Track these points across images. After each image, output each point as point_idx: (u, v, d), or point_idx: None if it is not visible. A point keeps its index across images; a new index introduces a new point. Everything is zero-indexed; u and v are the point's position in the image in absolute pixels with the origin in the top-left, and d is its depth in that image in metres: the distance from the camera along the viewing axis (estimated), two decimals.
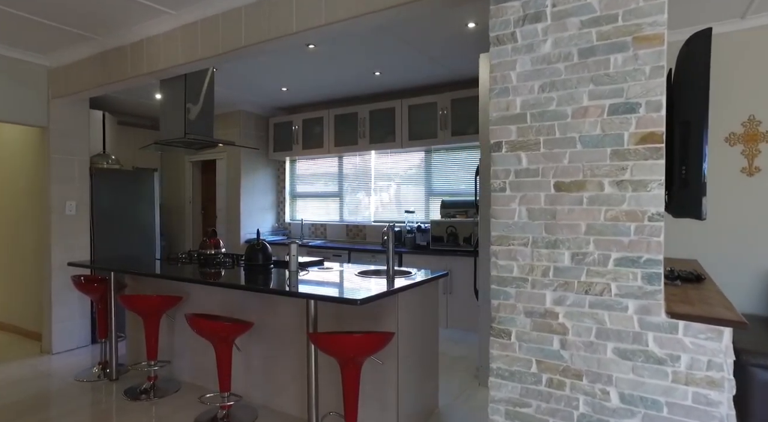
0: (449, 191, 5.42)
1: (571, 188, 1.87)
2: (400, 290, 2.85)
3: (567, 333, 1.87)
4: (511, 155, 2.00)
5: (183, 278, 3.27)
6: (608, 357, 1.78)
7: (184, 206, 6.78)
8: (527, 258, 1.97)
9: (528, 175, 1.97)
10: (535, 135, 1.95)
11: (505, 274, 2.02)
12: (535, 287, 1.95)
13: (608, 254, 1.79)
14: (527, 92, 1.96)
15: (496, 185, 2.03)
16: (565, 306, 1.88)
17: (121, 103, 5.86)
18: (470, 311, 4.63)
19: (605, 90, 1.80)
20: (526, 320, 1.97)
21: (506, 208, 2.01)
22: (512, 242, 2.00)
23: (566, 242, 1.88)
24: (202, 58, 3.48)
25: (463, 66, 4.65)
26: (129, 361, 4.15)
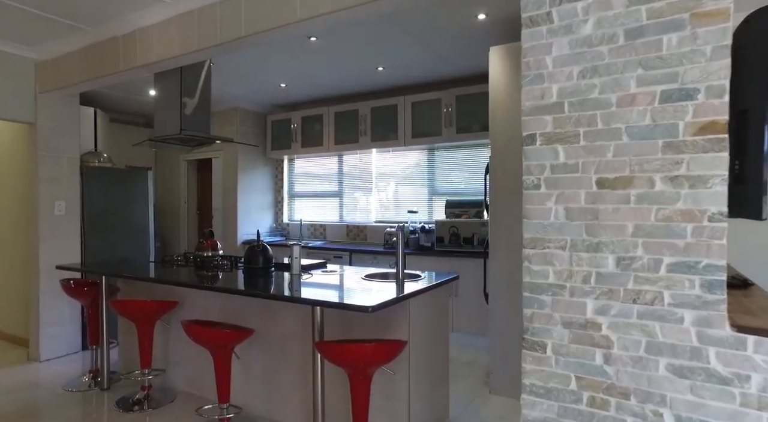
0: (453, 190, 5.20)
1: (616, 185, 1.66)
2: (412, 296, 2.63)
3: (611, 347, 1.65)
4: (546, 148, 1.78)
5: (179, 282, 3.03)
6: (661, 374, 1.57)
7: (178, 206, 6.51)
8: (565, 263, 1.75)
9: (566, 170, 1.75)
10: (574, 126, 1.73)
11: (540, 280, 1.80)
12: (575, 295, 1.73)
13: (660, 258, 1.58)
14: (565, 79, 1.74)
15: (529, 181, 1.81)
16: (609, 317, 1.66)
17: (113, 100, 5.58)
18: (477, 315, 4.41)
19: (656, 75, 1.58)
20: (563, 331, 1.75)
21: (541, 207, 1.79)
22: (548, 245, 1.78)
23: (610, 244, 1.66)
24: (198, 49, 3.23)
25: (469, 61, 4.42)
26: (121, 369, 3.88)
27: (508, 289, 3.48)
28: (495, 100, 3.56)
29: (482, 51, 4.11)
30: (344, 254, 5.12)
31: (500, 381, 3.50)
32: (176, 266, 3.65)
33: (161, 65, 3.53)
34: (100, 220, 4.62)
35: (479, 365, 4.09)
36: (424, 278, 3.07)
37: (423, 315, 2.84)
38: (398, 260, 2.98)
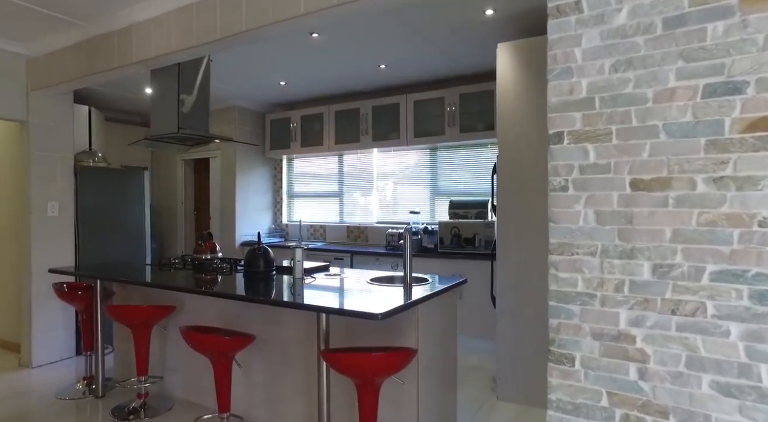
0: (456, 190, 5.06)
1: (652, 187, 1.52)
2: (421, 301, 2.48)
3: (647, 361, 1.52)
4: (575, 147, 1.64)
5: (176, 287, 2.87)
6: (704, 392, 1.43)
7: (175, 207, 6.33)
8: (595, 270, 1.61)
9: (596, 171, 1.61)
10: (606, 124, 1.59)
11: (568, 288, 1.66)
12: (606, 304, 1.59)
13: (702, 266, 1.44)
14: (596, 73, 1.60)
15: (556, 183, 1.67)
16: (644, 328, 1.53)
17: (108, 98, 5.39)
18: (482, 318, 4.28)
19: (699, 67, 1.44)
20: (593, 343, 1.61)
21: (569, 210, 1.65)
22: (576, 251, 1.64)
23: (646, 251, 1.53)
24: (197, 44, 3.07)
25: (474, 58, 4.28)
26: (117, 376, 3.71)
27: (516, 293, 3.34)
28: (502, 99, 3.42)
29: (488, 48, 3.96)
30: (345, 256, 4.97)
31: (508, 387, 3.37)
32: (173, 269, 3.50)
33: (158, 61, 3.36)
34: (95, 221, 4.45)
35: (485, 369, 3.95)
36: (431, 281, 2.94)
37: (432, 321, 2.70)
38: (406, 263, 2.83)
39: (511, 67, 3.38)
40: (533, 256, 3.28)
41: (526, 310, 3.30)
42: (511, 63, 3.39)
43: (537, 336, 3.27)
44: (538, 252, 3.26)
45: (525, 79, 3.33)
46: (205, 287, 2.78)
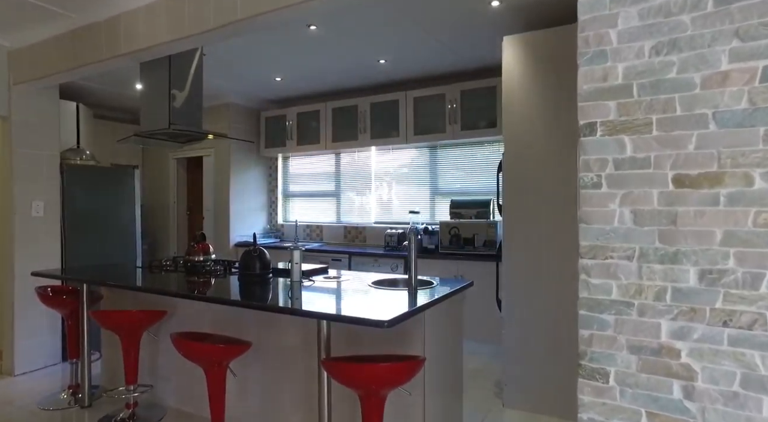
0: (457, 190, 4.88)
1: (700, 183, 1.34)
2: (428, 307, 2.30)
3: (694, 378, 1.34)
4: (609, 139, 1.45)
5: (166, 291, 2.67)
6: (765, 416, 1.26)
7: (168, 206, 6.08)
8: (632, 276, 1.43)
9: (634, 166, 1.42)
10: (645, 113, 1.41)
11: (601, 296, 1.47)
12: (645, 314, 1.41)
13: (760, 272, 1.26)
14: (633, 56, 1.42)
15: (588, 179, 1.49)
16: (690, 341, 1.34)
17: (97, 94, 5.14)
18: (484, 321, 4.09)
19: (758, 47, 1.26)
20: (630, 357, 1.43)
21: (602, 210, 1.46)
22: (611, 255, 1.45)
23: (692, 255, 1.34)
24: (189, 35, 2.85)
25: (477, 53, 4.09)
26: (105, 383, 3.48)
27: (524, 296, 3.16)
28: (508, 94, 3.24)
29: (492, 42, 3.77)
30: (343, 257, 4.77)
31: (515, 394, 3.19)
32: (165, 271, 3.29)
33: (148, 53, 3.14)
34: (83, 222, 4.21)
35: (489, 374, 3.77)
36: (436, 285, 2.75)
37: (438, 326, 2.52)
38: (411, 265, 2.64)
39: (518, 62, 3.20)
40: (542, 258, 3.10)
41: (535, 314, 3.11)
42: (517, 57, 3.21)
43: (546, 341, 3.09)
44: (547, 254, 3.08)
45: (532, 74, 3.15)
46: (197, 292, 2.58)
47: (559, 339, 3.05)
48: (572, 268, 3.01)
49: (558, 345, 3.05)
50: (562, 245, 3.04)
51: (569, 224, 3.02)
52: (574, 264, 3.01)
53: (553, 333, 3.07)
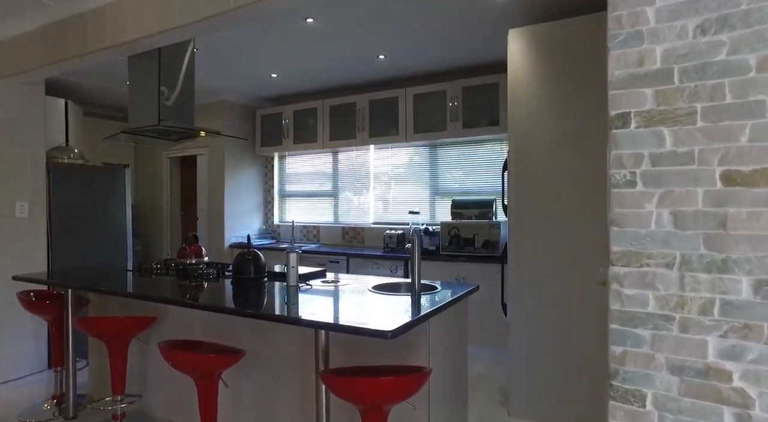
0: (458, 189, 4.69)
1: (755, 181, 1.15)
2: (433, 314, 2.11)
3: (750, 406, 1.15)
4: (645, 132, 1.27)
5: (155, 297, 2.47)
6: None
7: (161, 206, 5.86)
8: (672, 286, 1.24)
9: (675, 161, 1.24)
10: (689, 101, 1.22)
11: (635, 308, 1.28)
12: (688, 330, 1.23)
13: None
14: (674, 37, 1.23)
15: (620, 177, 1.30)
16: (744, 363, 1.16)
17: (87, 91, 4.92)
18: (488, 325, 3.90)
19: None
20: (671, 379, 1.24)
21: (637, 211, 1.28)
22: (647, 262, 1.27)
23: (745, 263, 1.16)
24: (179, 25, 2.65)
25: (479, 48, 3.90)
26: (93, 392, 3.27)
27: (531, 301, 2.97)
28: (514, 90, 3.05)
29: (495, 36, 3.58)
30: (341, 259, 4.57)
31: (521, 403, 3.00)
32: (155, 275, 3.08)
33: (136, 46, 2.94)
34: (70, 223, 3.99)
35: (492, 380, 3.58)
36: (440, 289, 2.57)
37: (444, 335, 2.34)
38: (414, 269, 2.45)
39: (524, 56, 3.02)
40: (550, 261, 2.92)
41: (543, 320, 2.93)
42: (523, 51, 3.02)
43: (554, 348, 2.90)
44: (556, 257, 2.90)
45: (539, 68, 2.96)
46: (188, 297, 2.39)
47: (569, 346, 2.86)
48: (582, 272, 2.83)
49: (567, 352, 2.87)
50: (572, 248, 2.86)
51: (579, 226, 2.84)
52: (584, 268, 2.83)
53: (562, 339, 2.88)
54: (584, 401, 2.81)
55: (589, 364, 2.80)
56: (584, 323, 2.82)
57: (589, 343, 2.80)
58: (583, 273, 2.83)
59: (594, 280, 2.78)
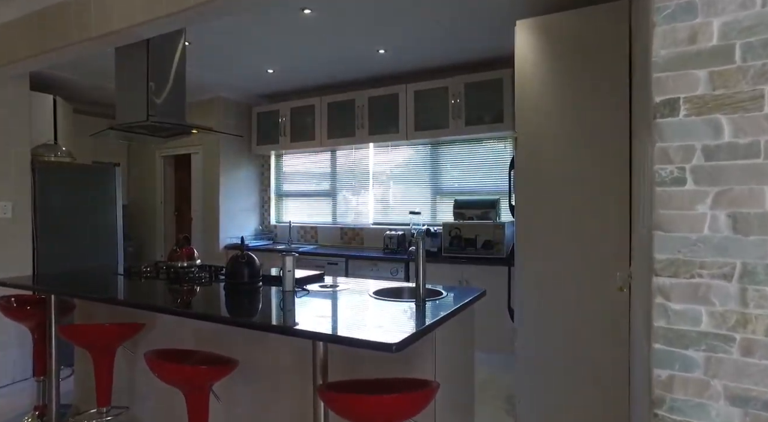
0: (460, 189, 4.48)
1: None
2: (439, 324, 1.91)
3: None
4: (697, 121, 1.07)
5: (141, 304, 2.26)
6: None
7: (154, 207, 5.63)
8: (731, 301, 1.04)
9: (735, 155, 1.04)
10: (753, 83, 1.02)
11: (685, 326, 1.09)
12: (753, 353, 1.03)
13: None
14: (737, 7, 1.03)
15: (666, 173, 1.10)
16: None
17: (77, 88, 4.69)
18: (493, 330, 3.70)
19: None
20: (731, 411, 1.05)
21: (686, 213, 1.08)
22: (699, 272, 1.07)
23: None
24: (168, 14, 2.45)
25: (483, 42, 3.69)
26: (79, 402, 3.05)
27: (540, 306, 2.78)
28: (522, 84, 2.85)
29: (499, 28, 3.38)
30: (339, 261, 4.36)
31: (529, 413, 2.81)
32: (145, 279, 2.87)
33: (123, 36, 2.73)
34: (58, 224, 3.76)
35: (498, 386, 3.39)
36: (445, 295, 2.37)
37: (450, 344, 2.15)
38: (418, 274, 2.24)
39: (533, 48, 2.82)
40: (561, 264, 2.72)
41: (552, 326, 2.73)
42: (531, 43, 2.82)
43: (564, 356, 2.71)
44: (567, 260, 2.70)
45: (549, 62, 2.76)
46: (180, 302, 2.19)
47: (580, 354, 2.67)
48: (596, 276, 2.64)
49: (579, 360, 2.67)
50: (584, 251, 2.66)
51: (592, 227, 2.64)
52: (597, 272, 2.63)
53: (573, 346, 2.69)
54: (596, 411, 2.62)
55: (602, 373, 2.61)
56: (598, 329, 2.62)
57: (602, 351, 2.61)
58: (597, 277, 2.63)
59: (608, 284, 2.58)
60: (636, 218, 2.21)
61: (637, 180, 2.06)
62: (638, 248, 1.86)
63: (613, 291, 2.56)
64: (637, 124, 1.93)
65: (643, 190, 1.48)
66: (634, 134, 2.18)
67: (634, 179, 2.46)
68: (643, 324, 1.39)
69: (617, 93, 2.59)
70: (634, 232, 2.46)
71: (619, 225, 2.57)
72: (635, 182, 2.44)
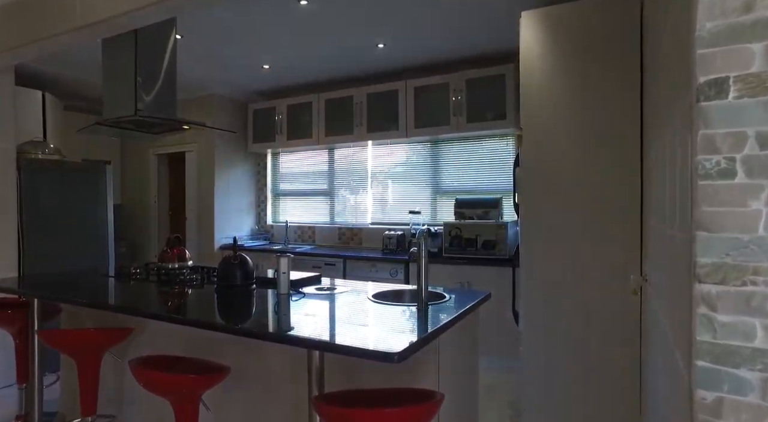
0: (462, 188, 4.33)
1: None
2: (443, 330, 1.76)
3: None
4: (751, 103, 0.91)
5: (126, 308, 2.10)
6: None
7: (148, 206, 5.46)
8: None
9: None
10: None
11: (735, 341, 0.93)
12: None
13: None
14: None
15: (711, 165, 0.94)
16: None
17: (68, 83, 4.51)
18: (496, 333, 3.55)
19: None
20: None
21: (737, 210, 0.92)
22: (752, 279, 0.91)
23: None
24: (155, 1, 2.29)
25: (485, 36, 3.53)
26: (65, 410, 2.88)
27: (547, 310, 2.62)
28: (527, 78, 2.70)
29: (504, 21, 3.22)
30: (337, 262, 4.20)
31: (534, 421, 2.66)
32: (134, 280, 2.72)
33: (109, 26, 2.56)
34: (46, 223, 3.59)
35: (501, 392, 3.23)
36: (448, 298, 2.22)
37: (454, 352, 2.00)
38: (420, 277, 2.08)
39: (538, 40, 2.67)
40: (569, 265, 2.56)
41: (560, 331, 2.58)
42: (537, 35, 2.67)
43: (573, 362, 2.55)
44: (576, 261, 2.55)
45: (556, 54, 2.62)
46: (166, 308, 2.03)
47: (589, 361, 2.51)
48: (606, 278, 2.48)
49: (588, 367, 2.52)
50: (594, 251, 2.51)
51: (603, 227, 2.49)
52: (608, 274, 2.48)
53: (582, 353, 2.53)
54: None
55: (613, 382, 2.45)
56: (608, 335, 2.47)
57: (613, 358, 2.45)
58: (606, 280, 2.47)
59: (619, 287, 2.42)
60: (649, 217, 2.06)
61: (652, 176, 1.91)
62: (657, 248, 1.70)
63: (624, 294, 2.41)
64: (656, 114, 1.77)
65: (672, 185, 1.32)
66: (650, 125, 2.02)
67: (647, 175, 2.31)
68: (675, 335, 1.23)
69: (628, 85, 2.44)
70: (646, 231, 2.31)
71: (630, 224, 2.42)
72: (647, 178, 2.29)
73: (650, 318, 1.92)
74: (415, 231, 4.20)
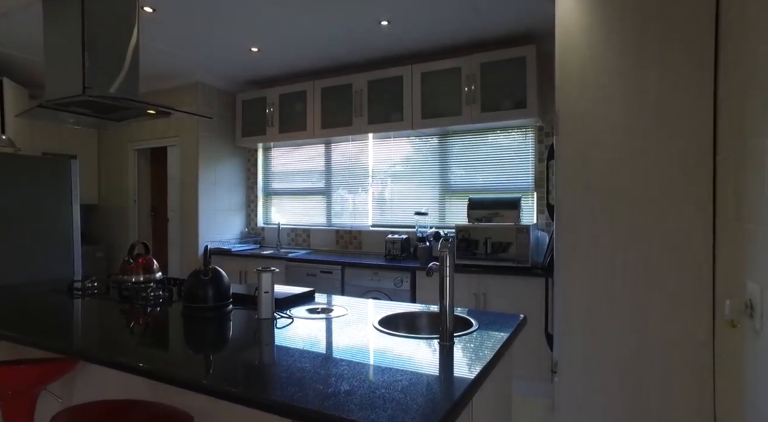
0: (474, 187, 3.75)
1: None
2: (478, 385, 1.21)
3: None
4: None
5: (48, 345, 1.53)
6: None
7: (127, 206, 4.85)
8: None
9: None
10: None
11: None
12: None
13: None
14: None
15: None
16: None
17: (32, 68, 3.92)
18: (522, 354, 2.99)
19: None
20: None
21: None
22: None
23: None
24: None
25: (502, 14, 2.96)
26: None
27: (588, 333, 2.05)
28: (565, 55, 2.13)
29: None
30: (335, 269, 3.61)
31: None
32: (87, 297, 2.15)
33: None
34: None
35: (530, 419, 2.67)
36: (476, 326, 1.67)
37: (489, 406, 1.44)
38: (444, 301, 1.50)
39: (581, 10, 2.10)
40: (620, 282, 1.99)
41: (607, 362, 2.01)
42: (579, 4, 2.11)
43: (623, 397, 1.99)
44: (630, 277, 1.98)
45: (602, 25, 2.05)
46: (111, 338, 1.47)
47: (646, 404, 1.95)
48: (674, 299, 1.92)
49: (641, 403, 1.95)
50: (656, 265, 1.94)
51: (665, 235, 1.92)
52: (677, 294, 1.91)
53: (636, 392, 1.96)
54: None
55: None
56: (679, 374, 1.90)
57: (684, 404, 1.89)
58: (677, 302, 1.91)
59: (697, 313, 1.86)
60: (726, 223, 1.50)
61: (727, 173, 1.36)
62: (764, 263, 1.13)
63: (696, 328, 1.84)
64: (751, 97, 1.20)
65: None
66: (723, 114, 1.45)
67: (720, 171, 1.75)
68: None
69: (695, 63, 1.87)
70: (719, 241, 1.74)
71: (701, 230, 1.86)
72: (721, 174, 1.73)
73: (762, 363, 1.35)
74: (422, 235, 3.63)
